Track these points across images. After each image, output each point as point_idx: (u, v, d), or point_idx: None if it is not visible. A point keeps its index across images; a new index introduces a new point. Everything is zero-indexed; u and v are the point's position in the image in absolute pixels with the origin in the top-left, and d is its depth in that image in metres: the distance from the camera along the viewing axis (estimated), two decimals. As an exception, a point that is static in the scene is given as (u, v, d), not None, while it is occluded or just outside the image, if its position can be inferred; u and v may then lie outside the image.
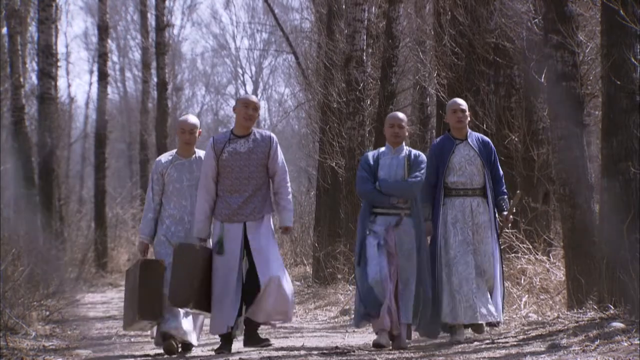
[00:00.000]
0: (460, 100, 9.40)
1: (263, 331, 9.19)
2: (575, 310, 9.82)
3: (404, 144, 9.04)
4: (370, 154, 9.05)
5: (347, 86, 16.39)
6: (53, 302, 14.09)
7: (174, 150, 9.20)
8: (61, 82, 45.69)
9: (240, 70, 47.95)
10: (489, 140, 9.45)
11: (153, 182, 9.01)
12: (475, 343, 8.91)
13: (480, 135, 9.48)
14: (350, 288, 14.77)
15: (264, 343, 8.77)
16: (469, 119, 9.34)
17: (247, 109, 8.76)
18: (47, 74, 21.01)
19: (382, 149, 9.08)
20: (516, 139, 13.48)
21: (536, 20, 12.61)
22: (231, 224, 8.70)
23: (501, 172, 9.38)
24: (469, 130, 9.36)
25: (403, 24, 16.10)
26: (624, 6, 9.52)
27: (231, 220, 8.70)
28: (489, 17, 13.58)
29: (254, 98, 8.95)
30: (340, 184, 16.74)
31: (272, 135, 8.91)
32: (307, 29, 22.50)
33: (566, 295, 10.59)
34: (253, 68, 47.75)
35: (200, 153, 9.08)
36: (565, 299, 10.58)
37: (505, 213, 9.26)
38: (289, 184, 8.89)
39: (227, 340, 8.72)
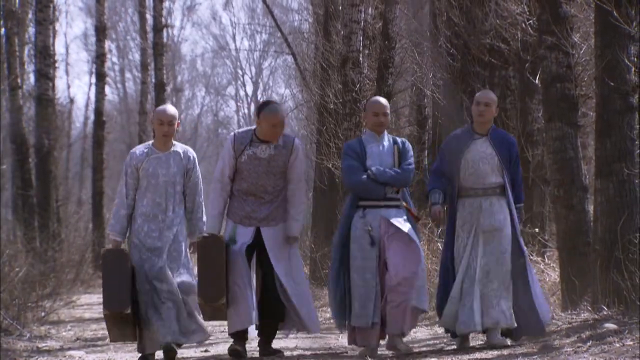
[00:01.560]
0: (489, 93, 8.70)
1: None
2: (569, 311, 9.83)
3: (385, 131, 8.47)
4: (353, 142, 8.47)
5: (343, 87, 16.37)
6: (49, 303, 14.09)
7: (150, 142, 8.53)
8: (61, 83, 45.81)
9: (240, 72, 48.00)
10: (514, 140, 8.69)
11: (127, 176, 8.35)
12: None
13: (505, 134, 8.76)
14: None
15: (278, 354, 8.41)
16: (495, 113, 8.57)
17: (276, 118, 8.20)
18: (44, 75, 21.01)
19: (363, 136, 8.52)
20: (511, 140, 13.48)
21: (531, 21, 12.62)
22: (243, 226, 8.32)
23: (521, 177, 8.68)
24: (494, 126, 8.62)
25: (400, 25, 16.08)
26: (617, 7, 9.53)
27: (243, 222, 8.32)
28: (484, 18, 13.57)
29: (277, 104, 8.42)
30: (337, 185, 16.73)
31: (297, 140, 8.41)
32: (305, 30, 22.51)
33: (560, 296, 10.59)
34: (253, 69, 47.83)
35: (178, 147, 8.48)
36: (560, 300, 10.58)
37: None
38: (303, 194, 8.48)
39: (241, 340, 8.32)
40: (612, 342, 7.66)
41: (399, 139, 8.47)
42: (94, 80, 26.27)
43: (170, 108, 8.48)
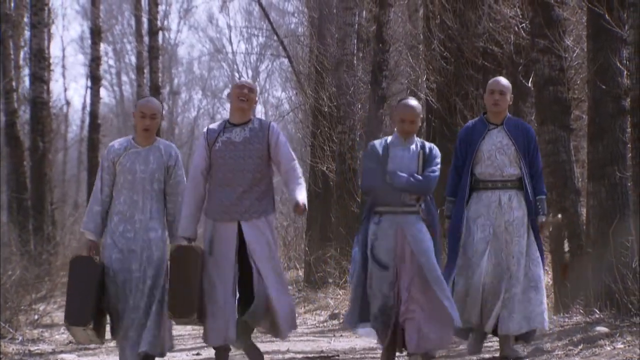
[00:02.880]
0: (502, 80, 8.15)
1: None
2: (562, 315, 9.84)
3: (415, 135, 7.76)
4: (378, 143, 7.77)
5: (337, 90, 16.39)
6: (43, 306, 14.09)
7: (131, 136, 7.94)
8: (57, 86, 45.74)
9: (237, 74, 47.97)
10: (530, 128, 8.16)
11: (103, 171, 7.74)
12: (461, 347, 8.85)
13: (520, 121, 8.25)
14: (340, 292, 14.79)
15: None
16: (510, 102, 8.08)
17: (241, 89, 7.75)
18: (39, 78, 20.99)
19: (390, 138, 7.82)
20: (504, 143, 13.46)
21: (523, 24, 12.63)
22: (223, 224, 7.67)
23: (541, 165, 8.12)
24: (508, 115, 8.11)
25: (394, 28, 16.08)
26: (609, 11, 9.57)
27: (223, 218, 7.67)
28: (477, 21, 13.59)
29: (248, 80, 7.96)
30: (331, 188, 16.73)
31: (273, 123, 7.87)
32: (300, 33, 22.51)
33: (553, 300, 10.59)
34: (250, 72, 47.78)
35: (160, 143, 7.89)
36: (552, 303, 10.58)
37: (543, 219, 7.98)
38: (298, 170, 7.77)
39: (223, 352, 7.79)
40: (603, 345, 7.69)
41: (427, 144, 7.76)
42: (90, 83, 26.16)
43: (153, 100, 7.97)
